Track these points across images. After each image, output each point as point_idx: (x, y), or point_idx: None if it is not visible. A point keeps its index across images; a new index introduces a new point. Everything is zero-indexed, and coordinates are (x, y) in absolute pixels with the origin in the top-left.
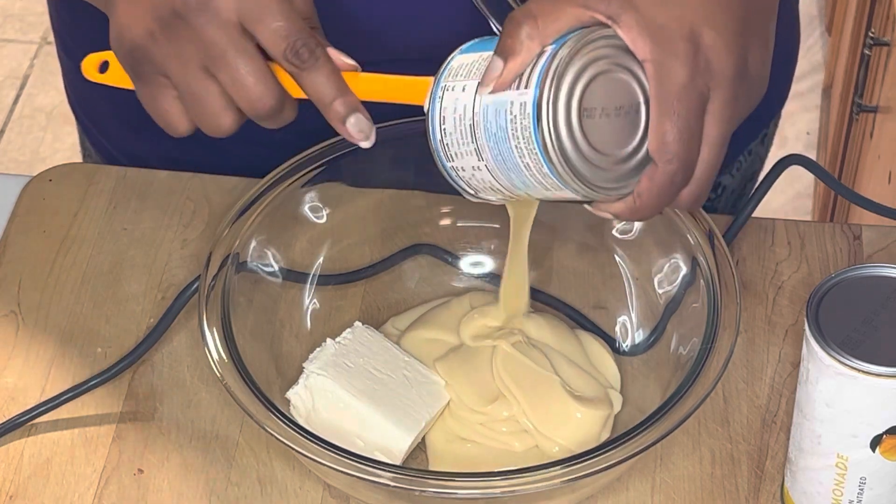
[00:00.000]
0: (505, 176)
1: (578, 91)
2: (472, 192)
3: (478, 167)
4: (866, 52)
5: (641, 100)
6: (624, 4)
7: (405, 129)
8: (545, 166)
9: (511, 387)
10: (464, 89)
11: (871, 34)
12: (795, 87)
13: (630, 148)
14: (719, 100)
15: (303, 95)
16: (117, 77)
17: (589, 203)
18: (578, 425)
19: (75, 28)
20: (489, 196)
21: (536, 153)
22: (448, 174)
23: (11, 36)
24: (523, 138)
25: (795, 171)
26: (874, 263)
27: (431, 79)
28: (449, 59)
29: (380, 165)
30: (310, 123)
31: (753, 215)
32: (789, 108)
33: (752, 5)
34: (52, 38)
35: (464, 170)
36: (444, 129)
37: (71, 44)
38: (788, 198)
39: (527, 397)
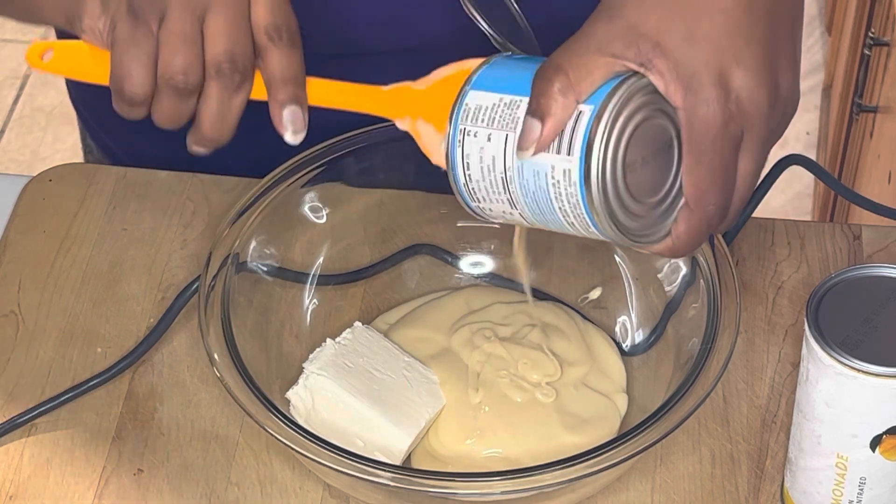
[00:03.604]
0: (540, 222)
1: (622, 150)
2: (497, 224)
3: (510, 213)
4: (866, 52)
5: (673, 134)
6: (654, 50)
7: None
8: (592, 226)
9: (495, 423)
10: (489, 139)
11: (871, 34)
12: None
13: (664, 190)
14: (753, 138)
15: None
16: (60, 65)
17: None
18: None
19: None
20: (516, 226)
21: (584, 217)
22: (473, 211)
23: (11, 36)
24: (569, 203)
25: (795, 171)
26: (874, 263)
27: (381, 88)
28: (462, 94)
29: (380, 165)
30: (318, 122)
31: (753, 215)
32: None
33: (779, 21)
34: (52, 37)
35: (492, 211)
36: (469, 175)
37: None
38: (788, 198)
39: (514, 435)
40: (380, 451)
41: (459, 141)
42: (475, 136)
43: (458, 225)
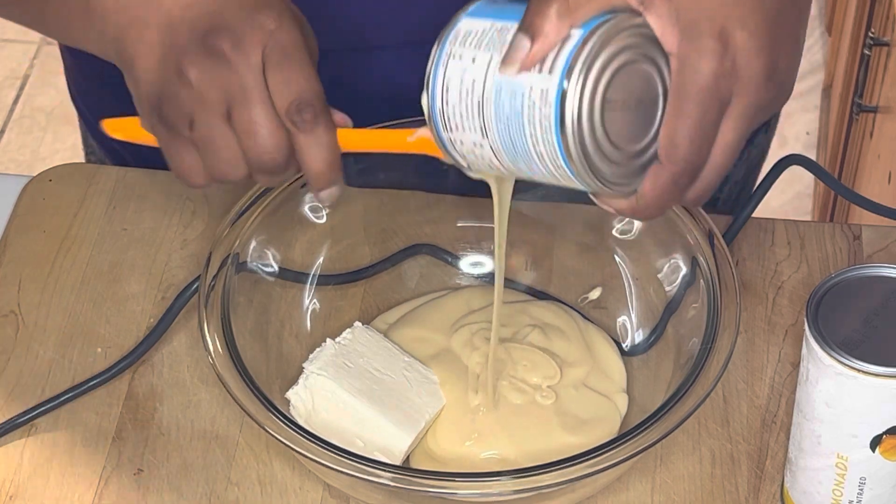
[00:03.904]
0: (510, 158)
1: (604, 82)
2: (465, 164)
3: (480, 144)
4: (866, 52)
5: (660, 92)
6: None
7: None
8: (561, 159)
9: (493, 426)
10: (473, 60)
11: (871, 34)
12: (795, 87)
13: (645, 142)
14: (741, 105)
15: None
16: (136, 133)
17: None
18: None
19: None
20: (483, 169)
21: (553, 145)
22: (443, 144)
23: (11, 36)
24: (541, 127)
25: (795, 171)
26: (874, 263)
27: (408, 130)
28: (455, 20)
29: (380, 165)
30: None
31: (753, 215)
32: (789, 108)
33: (787, 8)
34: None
35: (462, 143)
36: (447, 100)
37: None
38: (788, 198)
39: (512, 438)
40: (380, 451)
41: (444, 63)
42: (460, 58)
43: (458, 225)
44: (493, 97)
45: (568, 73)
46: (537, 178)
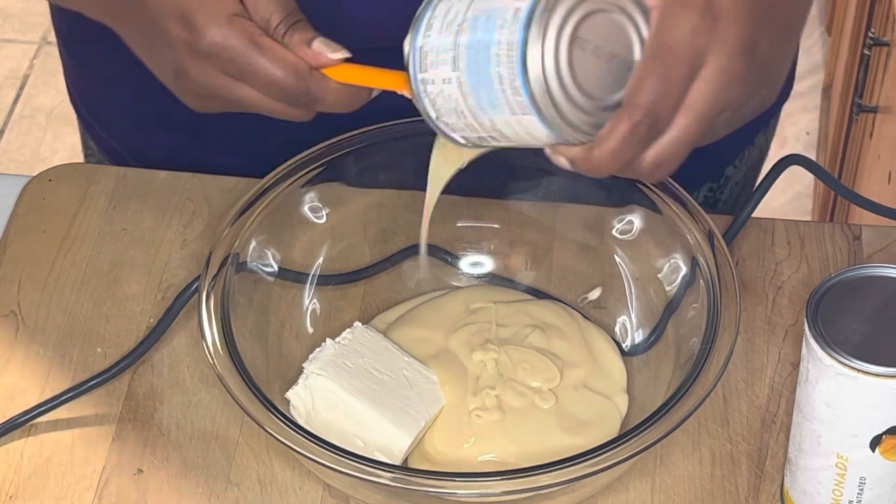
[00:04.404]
0: (473, 94)
1: (579, 14)
2: (433, 114)
3: (449, 79)
4: (866, 52)
5: (638, 53)
6: None
7: (404, 129)
8: (519, 79)
9: (492, 429)
10: None
11: (870, 34)
12: (796, 87)
13: (614, 100)
14: (712, 67)
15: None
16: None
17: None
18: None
19: (76, 23)
20: (449, 121)
21: (515, 61)
22: (416, 87)
23: (11, 36)
24: (507, 44)
25: (795, 171)
26: (874, 263)
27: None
28: None
29: (380, 165)
30: (319, 118)
31: (753, 215)
32: (789, 108)
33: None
34: (52, 38)
35: (433, 83)
36: (429, 36)
37: (72, 40)
38: (788, 198)
39: (511, 441)
40: (380, 451)
41: (433, 5)
42: None
43: (458, 225)
44: (472, 23)
45: None
46: (496, 123)
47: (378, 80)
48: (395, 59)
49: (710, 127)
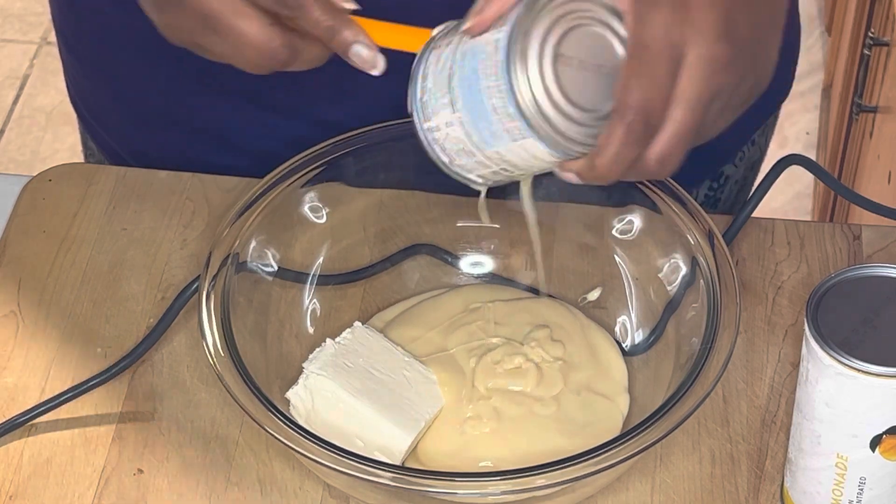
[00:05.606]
0: (475, 130)
1: (557, 34)
2: (446, 159)
3: (451, 122)
4: (866, 52)
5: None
6: None
7: (404, 129)
8: (511, 105)
9: (489, 434)
10: (448, 44)
11: (870, 34)
12: (795, 87)
13: (607, 110)
14: (695, 55)
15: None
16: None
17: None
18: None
19: (76, 23)
20: (461, 162)
21: (504, 90)
22: (424, 137)
23: (11, 36)
24: (494, 75)
25: (795, 171)
26: (874, 263)
27: (426, 30)
28: (445, 24)
29: (380, 165)
30: (320, 117)
31: (753, 215)
32: (789, 107)
33: None
34: (52, 38)
35: (439, 129)
36: (426, 86)
37: (72, 39)
38: (788, 198)
39: (508, 447)
40: (380, 451)
41: (425, 59)
42: (437, 48)
43: (458, 225)
44: (459, 65)
45: (519, 19)
46: (502, 153)
47: (389, 38)
48: (415, 16)
49: (706, 116)
